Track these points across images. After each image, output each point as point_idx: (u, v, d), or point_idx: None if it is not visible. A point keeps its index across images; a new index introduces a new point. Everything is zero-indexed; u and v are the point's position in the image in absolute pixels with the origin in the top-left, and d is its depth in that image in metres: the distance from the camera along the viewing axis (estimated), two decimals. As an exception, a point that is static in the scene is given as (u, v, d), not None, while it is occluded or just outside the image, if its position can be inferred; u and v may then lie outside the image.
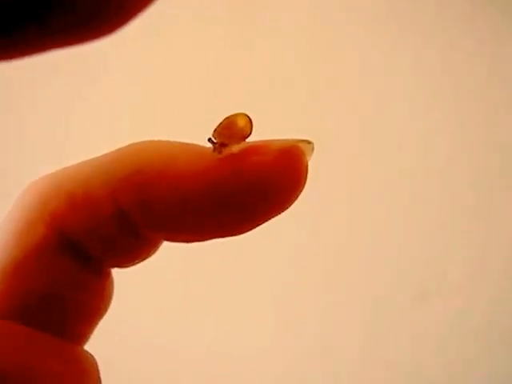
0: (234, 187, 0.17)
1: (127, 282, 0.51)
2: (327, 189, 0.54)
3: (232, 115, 0.17)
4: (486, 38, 0.55)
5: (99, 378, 0.18)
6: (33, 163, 0.54)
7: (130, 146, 0.18)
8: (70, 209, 0.17)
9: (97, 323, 0.19)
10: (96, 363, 0.19)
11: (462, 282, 0.53)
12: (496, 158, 0.55)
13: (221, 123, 0.17)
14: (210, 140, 0.17)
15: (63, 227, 0.17)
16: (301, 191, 0.17)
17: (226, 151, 0.17)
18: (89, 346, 0.19)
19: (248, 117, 0.18)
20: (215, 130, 0.17)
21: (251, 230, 0.18)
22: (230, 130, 0.17)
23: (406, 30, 0.56)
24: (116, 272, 0.21)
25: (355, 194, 0.55)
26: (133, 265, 0.19)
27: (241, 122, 0.17)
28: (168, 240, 0.18)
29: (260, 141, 0.17)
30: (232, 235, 0.18)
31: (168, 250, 0.56)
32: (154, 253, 0.19)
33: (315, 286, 0.54)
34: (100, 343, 0.21)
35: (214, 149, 0.17)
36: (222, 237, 0.18)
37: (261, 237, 0.54)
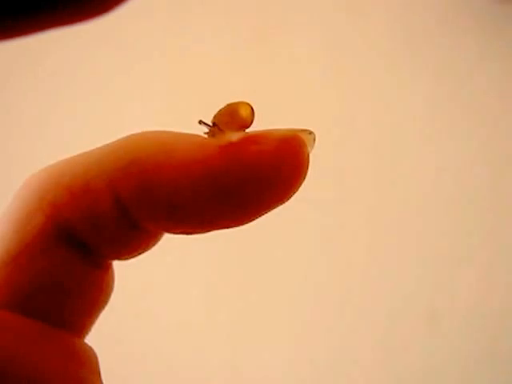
0: (233, 177, 0.17)
1: (137, 287, 0.52)
2: (341, 214, 0.55)
3: (234, 103, 0.17)
4: (496, 74, 0.56)
5: (99, 371, 0.18)
6: (32, 156, 0.55)
7: (128, 136, 0.17)
8: (69, 199, 0.17)
9: (97, 316, 0.19)
10: (96, 356, 0.18)
11: (473, 303, 0.53)
12: (505, 185, 0.55)
13: (221, 109, 0.17)
14: (201, 122, 0.17)
15: (62, 218, 0.17)
16: (301, 182, 0.17)
17: (225, 138, 0.17)
18: (93, 343, 0.19)
19: (251, 107, 0.17)
20: (215, 116, 0.17)
21: (251, 221, 0.17)
22: (231, 118, 0.17)
23: (419, 65, 0.57)
24: (123, 267, 0.21)
25: (369, 219, 0.55)
26: (132, 257, 0.18)
27: (243, 112, 0.17)
28: (168, 231, 0.18)
29: (260, 130, 0.17)
30: (231, 226, 0.17)
31: (180, 263, 0.56)
32: (154, 245, 0.19)
33: (328, 308, 0.54)
34: (101, 339, 0.21)
35: (209, 132, 0.17)
36: (222, 228, 0.18)
37: (275, 259, 0.54)
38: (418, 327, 0.52)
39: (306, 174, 0.17)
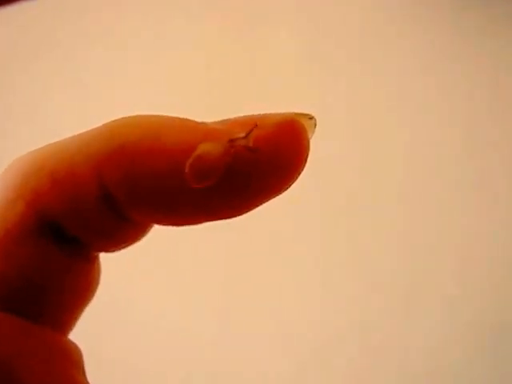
0: (225, 164, 0.15)
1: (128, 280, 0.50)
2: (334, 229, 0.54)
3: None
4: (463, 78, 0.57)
5: (83, 368, 0.17)
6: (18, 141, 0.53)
7: (116, 120, 0.16)
8: (52, 186, 0.16)
9: (81, 311, 0.18)
10: (80, 353, 0.17)
11: (448, 294, 0.53)
12: (492, 174, 0.56)
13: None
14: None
15: (45, 206, 0.16)
16: (301, 171, 0.16)
17: (215, 123, 0.16)
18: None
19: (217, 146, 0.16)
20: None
21: (245, 212, 0.16)
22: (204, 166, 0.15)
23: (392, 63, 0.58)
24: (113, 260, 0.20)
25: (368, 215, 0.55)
26: (119, 249, 0.18)
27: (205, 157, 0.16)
28: (156, 222, 0.17)
29: (256, 114, 0.16)
30: (224, 218, 0.16)
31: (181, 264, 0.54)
32: (142, 237, 0.18)
33: (309, 290, 0.53)
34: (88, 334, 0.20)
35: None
36: (214, 220, 0.16)
37: (275, 259, 0.53)
38: (394, 318, 0.52)
39: (305, 161, 0.16)
